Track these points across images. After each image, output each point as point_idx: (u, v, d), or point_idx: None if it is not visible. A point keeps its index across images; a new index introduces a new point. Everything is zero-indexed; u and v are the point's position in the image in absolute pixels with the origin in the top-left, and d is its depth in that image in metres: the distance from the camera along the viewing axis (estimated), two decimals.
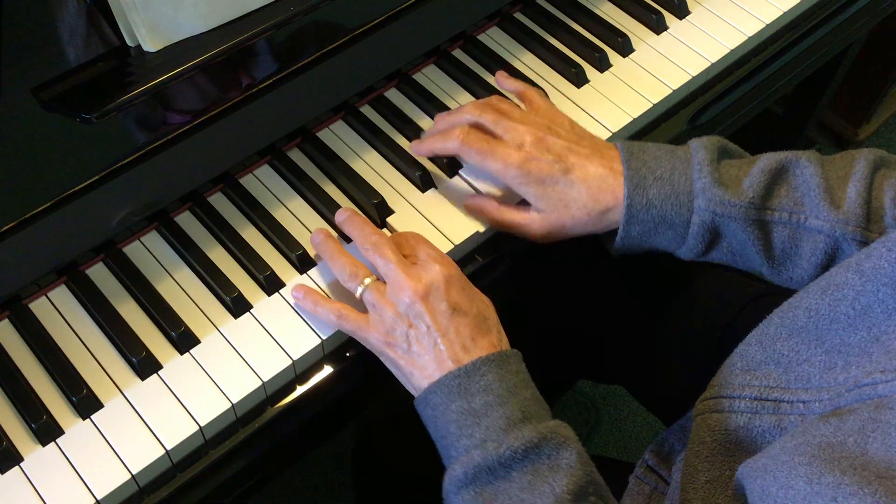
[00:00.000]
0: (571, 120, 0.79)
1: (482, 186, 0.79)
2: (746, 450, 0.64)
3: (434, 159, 0.81)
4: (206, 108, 0.72)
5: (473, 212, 0.78)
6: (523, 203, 0.77)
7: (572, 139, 0.75)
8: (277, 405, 0.70)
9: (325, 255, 0.73)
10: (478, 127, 0.77)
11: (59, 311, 0.72)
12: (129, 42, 0.69)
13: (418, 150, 0.79)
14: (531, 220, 0.75)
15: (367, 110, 0.85)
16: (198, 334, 0.71)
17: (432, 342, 0.66)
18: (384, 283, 0.69)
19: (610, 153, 0.74)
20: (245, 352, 0.70)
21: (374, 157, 0.82)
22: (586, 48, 0.90)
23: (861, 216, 0.69)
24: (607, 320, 0.94)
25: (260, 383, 0.69)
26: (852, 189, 0.70)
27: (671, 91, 0.87)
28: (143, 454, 0.65)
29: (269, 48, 0.74)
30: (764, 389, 0.64)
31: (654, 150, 0.73)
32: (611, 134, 0.84)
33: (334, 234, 0.75)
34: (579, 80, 0.88)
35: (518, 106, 0.81)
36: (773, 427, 0.63)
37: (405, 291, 0.66)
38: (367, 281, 0.69)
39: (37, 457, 0.65)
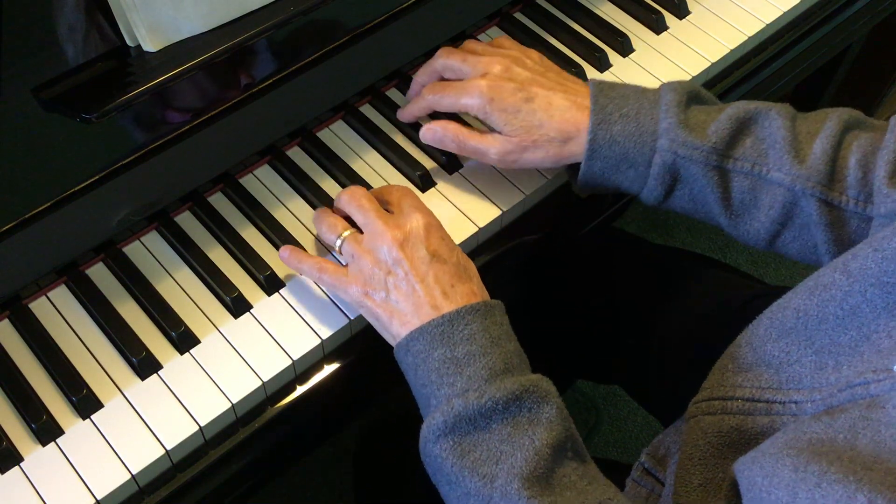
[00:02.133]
0: (542, 55, 0.81)
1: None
2: (740, 451, 0.63)
3: (433, 157, 0.82)
4: (206, 108, 0.72)
5: (436, 135, 0.77)
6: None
7: (538, 71, 0.77)
8: (277, 405, 0.70)
9: (314, 218, 0.74)
10: (448, 71, 0.79)
11: (59, 311, 0.72)
12: (129, 42, 0.69)
13: (402, 117, 0.82)
14: (492, 141, 0.75)
15: (367, 110, 0.85)
16: (198, 334, 0.71)
17: (411, 288, 0.65)
18: (363, 234, 0.69)
19: (577, 88, 0.76)
20: (245, 352, 0.70)
21: (374, 157, 0.82)
22: (586, 48, 0.90)
23: (824, 173, 0.68)
24: (605, 320, 0.94)
25: (260, 383, 0.69)
26: (818, 145, 0.69)
27: None
28: (143, 454, 0.65)
29: (269, 48, 0.74)
30: (756, 390, 0.64)
31: (623, 89, 0.74)
32: None
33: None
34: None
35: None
36: (766, 428, 0.63)
37: (383, 238, 0.67)
38: (346, 233, 0.70)
39: (37, 457, 0.65)
